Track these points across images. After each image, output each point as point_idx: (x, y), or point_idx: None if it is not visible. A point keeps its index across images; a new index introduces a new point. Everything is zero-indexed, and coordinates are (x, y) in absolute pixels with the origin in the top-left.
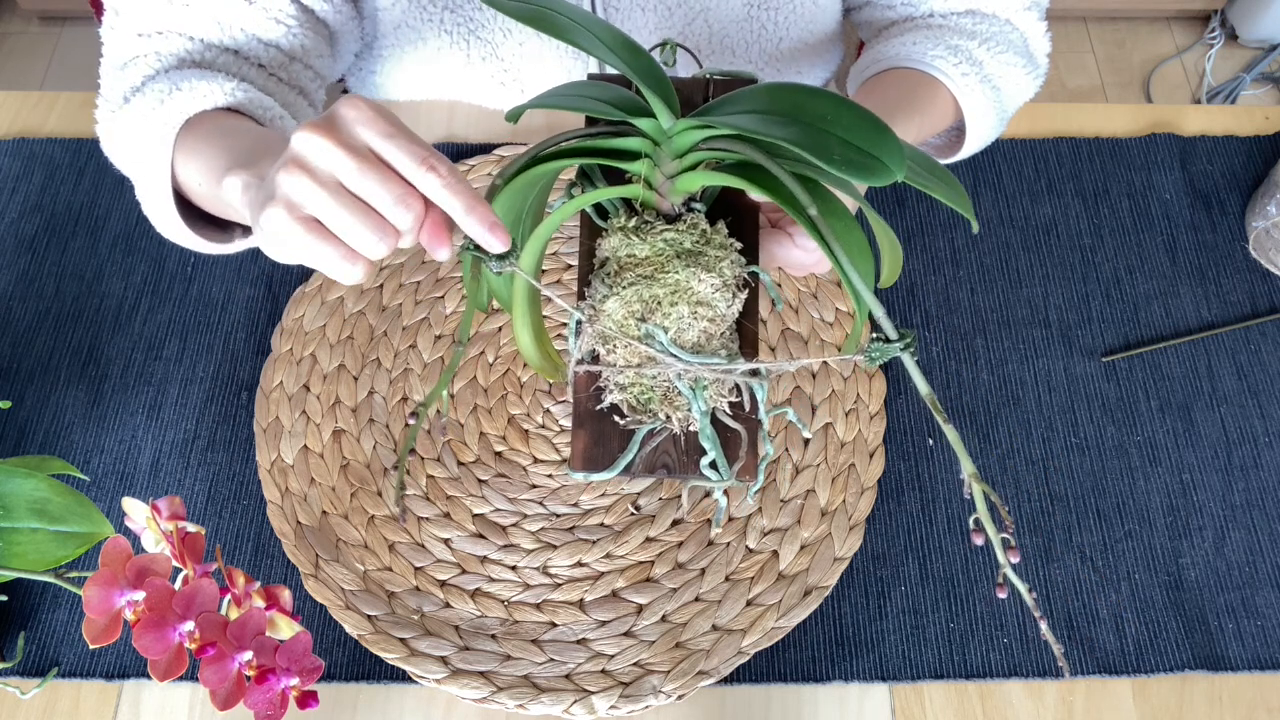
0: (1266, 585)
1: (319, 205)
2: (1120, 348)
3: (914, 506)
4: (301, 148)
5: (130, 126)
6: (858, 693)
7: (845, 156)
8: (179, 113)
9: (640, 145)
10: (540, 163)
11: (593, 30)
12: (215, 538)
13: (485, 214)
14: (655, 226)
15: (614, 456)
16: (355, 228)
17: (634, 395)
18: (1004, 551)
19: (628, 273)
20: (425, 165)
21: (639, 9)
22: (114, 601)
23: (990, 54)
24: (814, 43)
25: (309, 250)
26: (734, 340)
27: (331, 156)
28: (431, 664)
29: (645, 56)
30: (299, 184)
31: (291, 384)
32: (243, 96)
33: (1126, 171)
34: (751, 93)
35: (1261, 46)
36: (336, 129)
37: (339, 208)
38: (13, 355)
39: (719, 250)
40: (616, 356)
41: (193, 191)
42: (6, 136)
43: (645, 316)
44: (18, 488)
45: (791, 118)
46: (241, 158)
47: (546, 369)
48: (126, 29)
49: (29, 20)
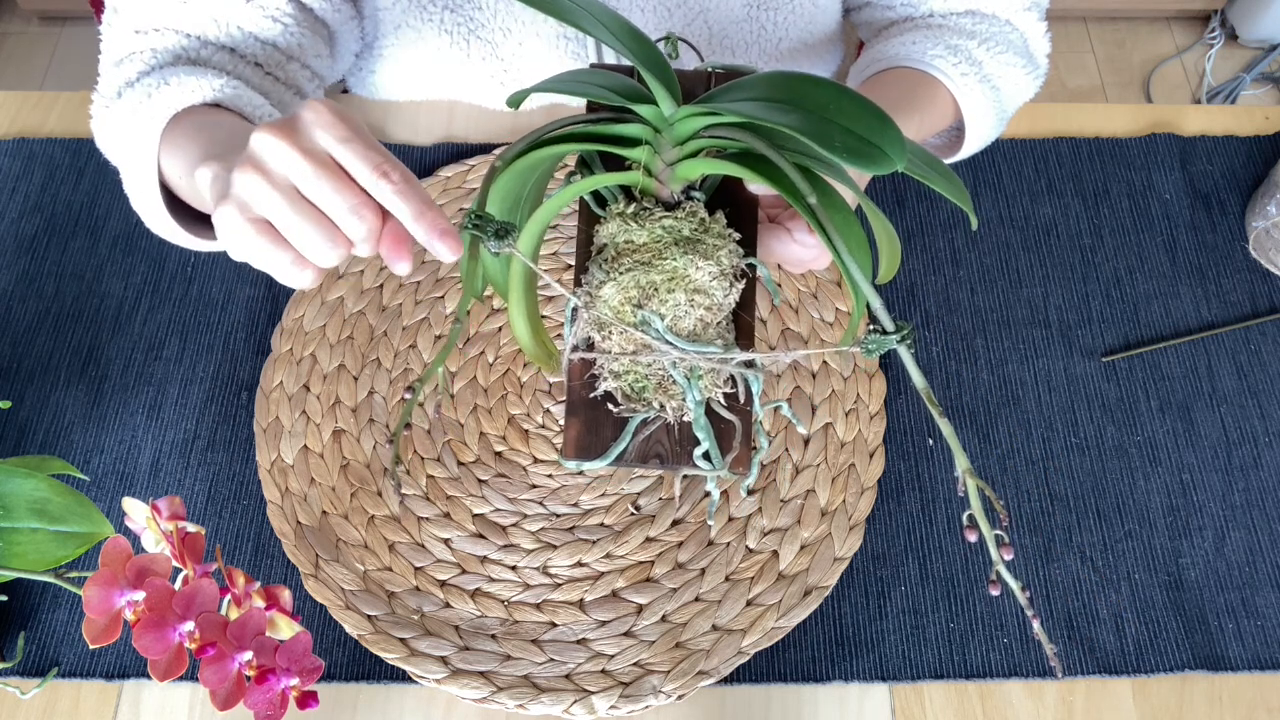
0: (1266, 585)
1: (271, 208)
2: (1120, 348)
3: (914, 506)
4: (259, 148)
5: (120, 120)
6: (858, 693)
7: (847, 144)
8: (165, 107)
9: (641, 132)
10: (541, 146)
11: (596, 15)
12: (215, 538)
13: (435, 219)
14: (654, 213)
15: (607, 445)
16: (307, 234)
17: (628, 383)
18: (997, 548)
19: (625, 259)
20: (378, 171)
21: (638, 9)
22: (114, 601)
23: (990, 54)
24: (814, 43)
25: (259, 252)
26: (730, 331)
27: (287, 159)
28: (431, 664)
29: (648, 44)
30: (253, 184)
31: (291, 384)
32: (230, 93)
33: (1126, 171)
34: (754, 80)
35: (1261, 46)
36: (295, 132)
37: (291, 212)
38: (13, 355)
39: (717, 239)
40: (612, 343)
41: (177, 186)
42: (6, 136)
43: (642, 303)
44: (18, 488)
45: (794, 105)
46: (216, 150)
47: (541, 357)
48: (124, 26)
49: (29, 20)
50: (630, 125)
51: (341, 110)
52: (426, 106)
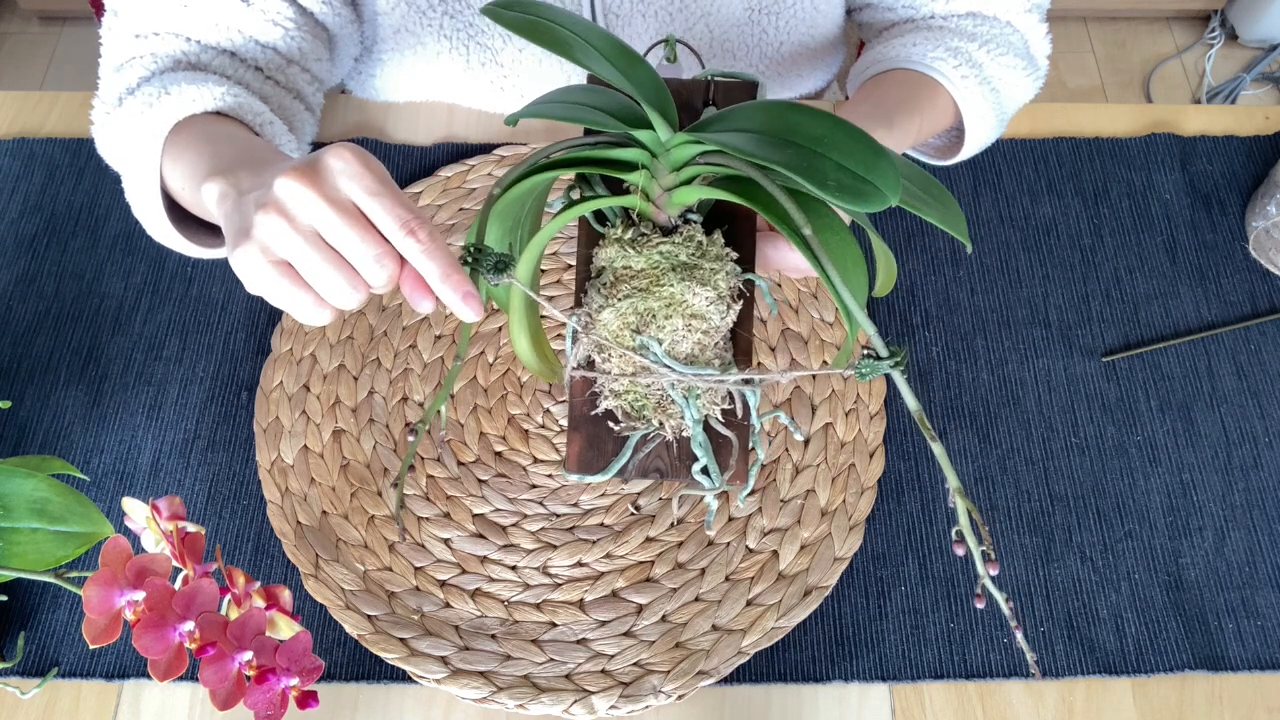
0: (1266, 585)
1: (294, 253)
2: (1120, 348)
3: (914, 506)
4: (284, 194)
5: (122, 128)
6: (858, 693)
7: (840, 182)
8: (167, 118)
9: (638, 157)
10: (538, 171)
11: (590, 40)
12: (215, 538)
13: (460, 282)
14: (651, 239)
15: (608, 460)
16: (329, 278)
17: (628, 402)
18: (984, 564)
19: (623, 285)
20: (406, 229)
21: (639, 14)
22: (114, 601)
23: (990, 56)
24: (815, 46)
25: (280, 293)
26: (728, 349)
27: (313, 208)
28: (431, 664)
29: (644, 66)
30: (277, 229)
31: (291, 384)
32: (232, 101)
33: (1126, 171)
34: (748, 110)
35: (1261, 46)
36: (321, 180)
37: (315, 258)
38: (13, 355)
39: (714, 261)
40: (611, 365)
41: (179, 195)
42: (6, 136)
43: (640, 328)
44: (18, 488)
45: (786, 140)
46: (222, 164)
47: (544, 372)
48: (124, 30)
49: (29, 20)
50: (628, 150)
51: (366, 156)
52: (426, 107)
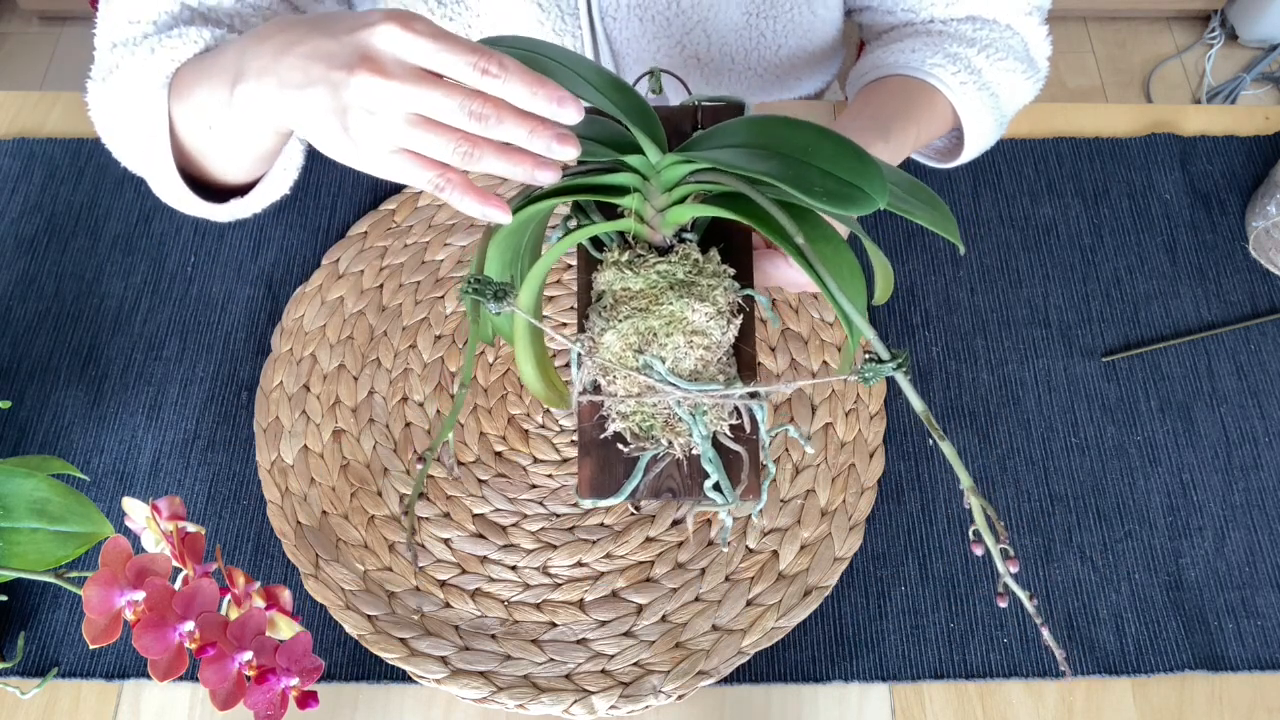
0: (1266, 585)
1: (429, 107)
2: (1120, 348)
3: (914, 506)
4: (384, 50)
5: (123, 86)
6: (858, 693)
7: (826, 188)
8: (171, 59)
9: (630, 180)
10: (534, 202)
11: (579, 72)
12: (215, 538)
13: (552, 91)
14: (648, 259)
15: (620, 482)
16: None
17: (636, 423)
18: (1003, 562)
19: (623, 306)
20: (479, 70)
21: (637, 19)
22: (114, 601)
23: (989, 61)
24: (813, 50)
25: (425, 144)
26: (731, 364)
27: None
28: (431, 664)
29: (633, 94)
30: (372, 120)
31: (291, 384)
32: (234, 37)
33: (1126, 171)
34: (734, 126)
35: (1261, 46)
36: (386, 70)
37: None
38: (13, 355)
39: (712, 279)
40: (617, 387)
41: (192, 141)
42: (6, 136)
43: (642, 348)
44: (18, 488)
45: (772, 150)
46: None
47: (552, 399)
48: (117, 16)
49: (29, 20)
50: (619, 175)
51: (409, 19)
52: None
